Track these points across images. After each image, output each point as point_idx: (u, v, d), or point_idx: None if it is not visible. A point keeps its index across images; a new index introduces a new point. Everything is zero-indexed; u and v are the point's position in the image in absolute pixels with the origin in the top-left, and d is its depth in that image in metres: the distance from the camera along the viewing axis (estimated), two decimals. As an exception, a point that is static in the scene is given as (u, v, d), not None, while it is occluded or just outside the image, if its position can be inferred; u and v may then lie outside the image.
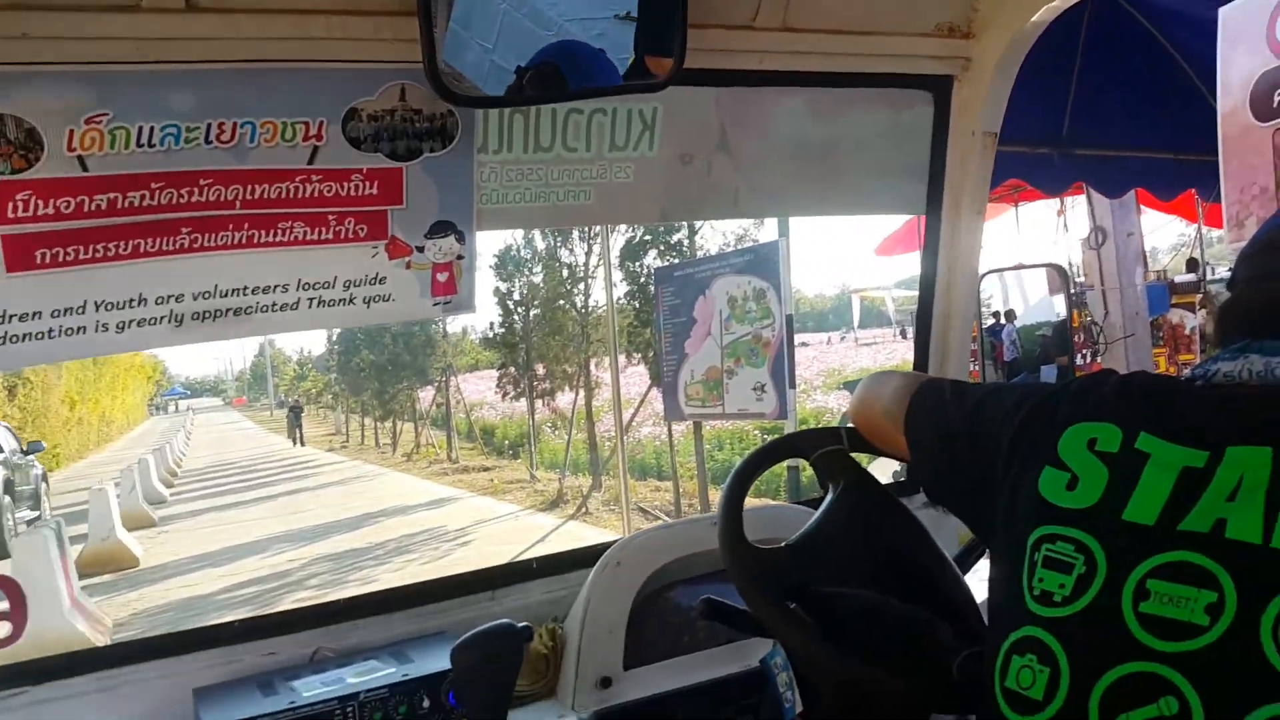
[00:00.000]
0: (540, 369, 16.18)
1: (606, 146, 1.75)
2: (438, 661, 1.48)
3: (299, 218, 1.54)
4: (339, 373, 28.77)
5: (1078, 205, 8.15)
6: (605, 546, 1.67)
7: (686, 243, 12.34)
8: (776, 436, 1.62)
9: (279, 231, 1.54)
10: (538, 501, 14.48)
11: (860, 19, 1.79)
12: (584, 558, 1.70)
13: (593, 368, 15.34)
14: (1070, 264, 8.04)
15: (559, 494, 14.25)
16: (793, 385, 7.81)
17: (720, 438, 15.00)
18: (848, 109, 1.91)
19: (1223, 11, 2.44)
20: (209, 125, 1.43)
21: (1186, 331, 9.28)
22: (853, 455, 1.38)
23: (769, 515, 1.71)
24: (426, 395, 24.04)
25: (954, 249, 2.00)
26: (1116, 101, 4.73)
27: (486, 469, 18.90)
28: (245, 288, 1.56)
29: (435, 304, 1.67)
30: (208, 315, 1.55)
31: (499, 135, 1.65)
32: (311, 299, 1.58)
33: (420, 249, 1.62)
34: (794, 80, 1.81)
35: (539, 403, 17.00)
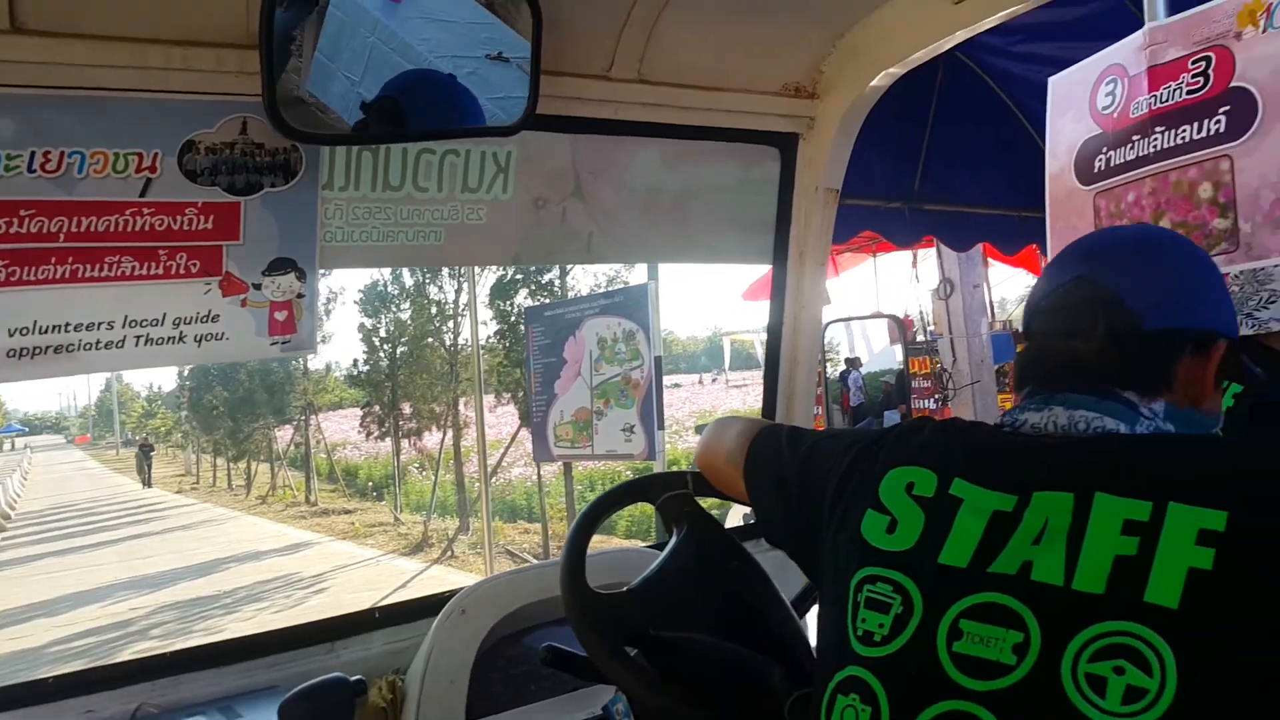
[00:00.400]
0: (407, 408, 15.85)
1: (459, 188, 1.74)
2: (268, 718, 1.41)
3: (128, 252, 1.46)
4: (190, 410, 27.45)
5: (930, 257, 8.56)
6: (451, 594, 1.64)
7: (558, 283, 12.37)
8: (623, 481, 1.62)
9: (106, 266, 1.46)
10: (401, 545, 14.09)
11: (712, 75, 1.85)
12: (428, 606, 1.66)
13: (462, 407, 15.13)
14: (922, 313, 8.41)
15: (424, 537, 13.91)
16: (661, 426, 7.88)
17: (592, 478, 14.98)
18: (699, 160, 1.96)
19: (1051, 81, 2.62)
20: (32, 154, 1.36)
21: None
22: (698, 499, 1.40)
23: (617, 559, 1.71)
24: (285, 434, 23.16)
25: (799, 299, 2.07)
26: (965, 161, 4.99)
27: (348, 512, 18.31)
28: (67, 324, 1.47)
29: (272, 343, 1.61)
30: (25, 352, 1.46)
31: (346, 172, 1.62)
32: (139, 336, 1.51)
33: (257, 286, 1.57)
34: (648, 130, 1.85)
35: (405, 442, 16.62)
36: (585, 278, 12.34)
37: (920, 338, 8.11)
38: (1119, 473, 0.93)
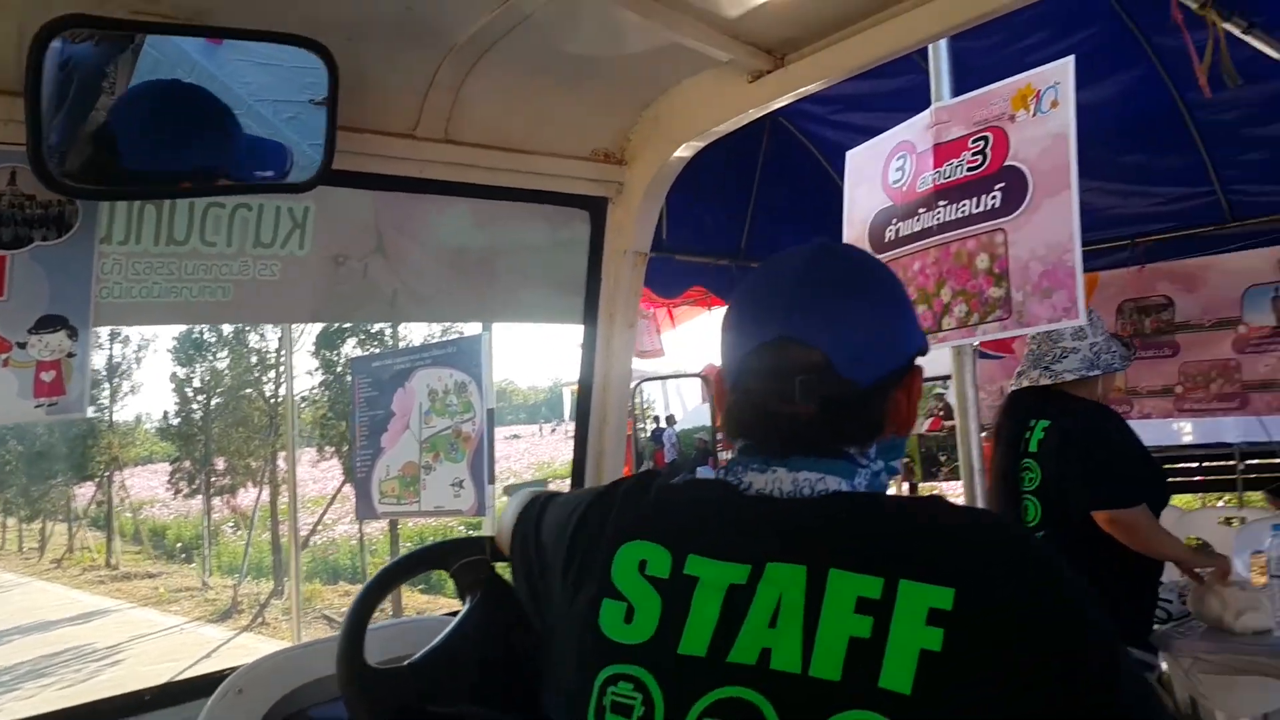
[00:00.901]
0: (220, 463, 15.00)
1: (251, 243, 1.67)
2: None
3: None
4: (-22, 465, 25.07)
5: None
6: (229, 672, 1.54)
7: (389, 332, 12.09)
8: (417, 547, 1.58)
9: None
10: (209, 612, 13.23)
11: (521, 138, 1.87)
12: (203, 686, 1.56)
13: (281, 461, 14.47)
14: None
15: (234, 602, 13.11)
16: (492, 480, 7.75)
17: (424, 535, 14.56)
18: (509, 221, 1.97)
19: (849, 155, 2.79)
20: None
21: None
22: (495, 566, 1.38)
23: (412, 630, 1.66)
24: (85, 492, 21.46)
25: (608, 359, 2.09)
26: (788, 221, 5.22)
27: (152, 575, 17.06)
28: None
29: (37, 406, 1.49)
30: None
31: (127, 225, 1.53)
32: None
33: (22, 345, 1.45)
34: (455, 190, 1.84)
35: (218, 500, 15.71)
36: (418, 328, 12.13)
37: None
38: (851, 544, 0.91)
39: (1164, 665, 2.90)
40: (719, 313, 8.41)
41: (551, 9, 1.51)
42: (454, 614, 1.37)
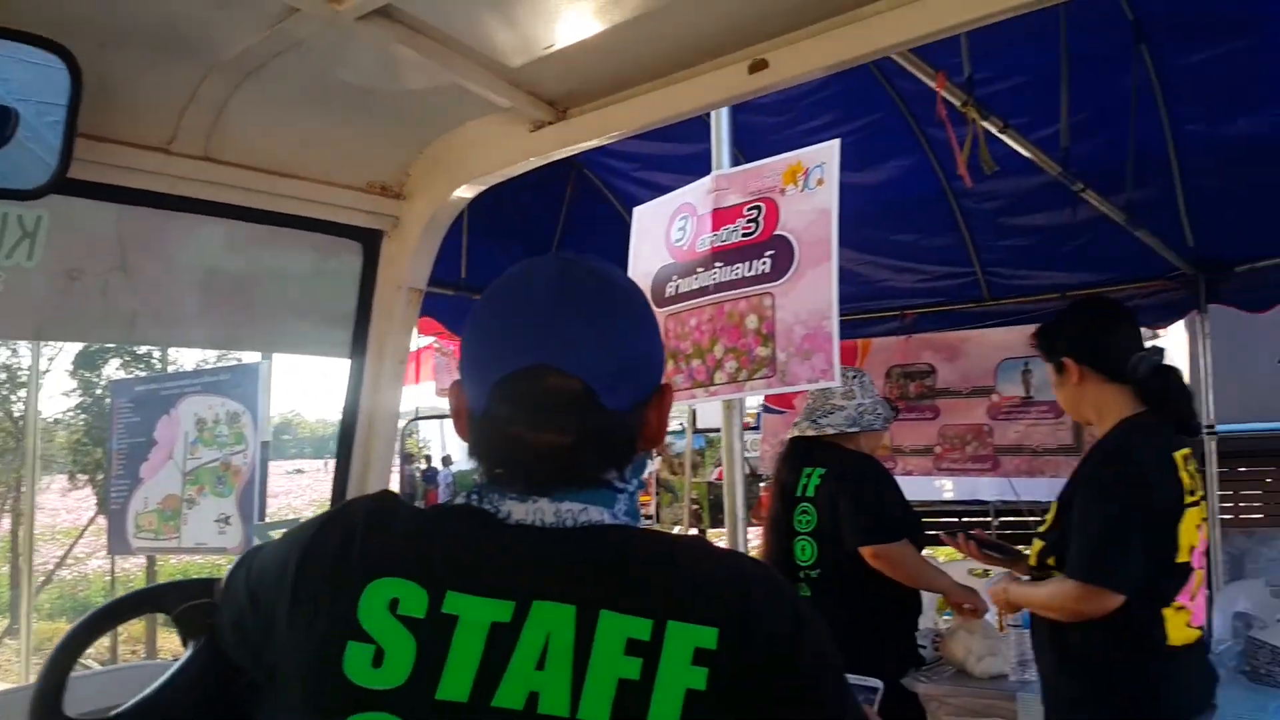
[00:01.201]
0: (-42, 487, 13.50)
1: (-30, 250, 1.52)
2: None
3: None
4: None
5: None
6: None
7: (157, 355, 11.29)
8: (137, 589, 1.46)
9: None
10: (-65, 649, 11.81)
11: (291, 163, 1.80)
12: None
13: (26, 489, 13.17)
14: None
15: (-36, 639, 11.76)
16: (262, 517, 7.36)
17: (189, 572, 13.56)
18: (273, 247, 1.88)
19: (636, 211, 2.87)
20: None
21: (645, 475, 10.44)
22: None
23: (131, 677, 1.53)
24: None
25: (376, 396, 2.03)
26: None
27: None
28: None
29: None
30: None
31: None
32: None
33: None
34: (214, 210, 1.74)
35: (-48, 527, 14.10)
36: (191, 352, 11.39)
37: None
38: (622, 585, 0.91)
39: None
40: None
41: (327, 37, 1.46)
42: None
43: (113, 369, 11.46)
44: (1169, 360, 2.38)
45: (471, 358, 1.02)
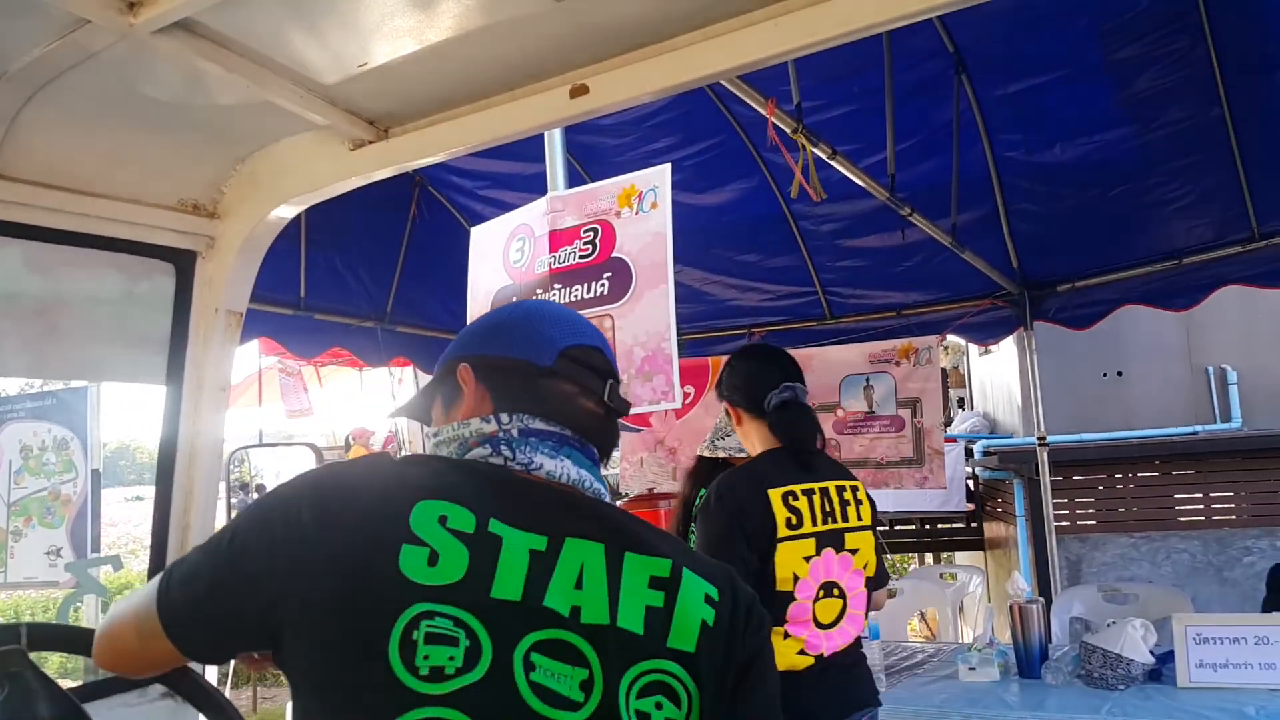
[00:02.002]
0: None
1: None
2: None
3: None
4: None
5: (409, 375, 8.74)
6: None
7: (-24, 379, 10.50)
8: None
9: None
10: None
11: (93, 180, 1.71)
12: None
13: None
14: (396, 429, 8.52)
15: None
16: (96, 549, 6.92)
17: (18, 608, 12.61)
18: (76, 269, 1.78)
19: (474, 232, 2.85)
20: None
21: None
22: (32, 656, 1.21)
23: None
24: None
25: (197, 424, 1.94)
26: (437, 288, 5.22)
27: None
28: None
29: None
30: None
31: None
32: None
33: None
34: (10, 231, 1.64)
35: None
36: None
37: (404, 453, 8.18)
38: (639, 538, 1.07)
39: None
40: (370, 374, 8.15)
41: (121, 50, 1.40)
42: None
43: (-74, 394, 10.61)
44: (802, 398, 2.47)
45: (535, 327, 1.18)
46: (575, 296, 2.49)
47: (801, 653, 2.31)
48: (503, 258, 2.68)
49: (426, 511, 0.97)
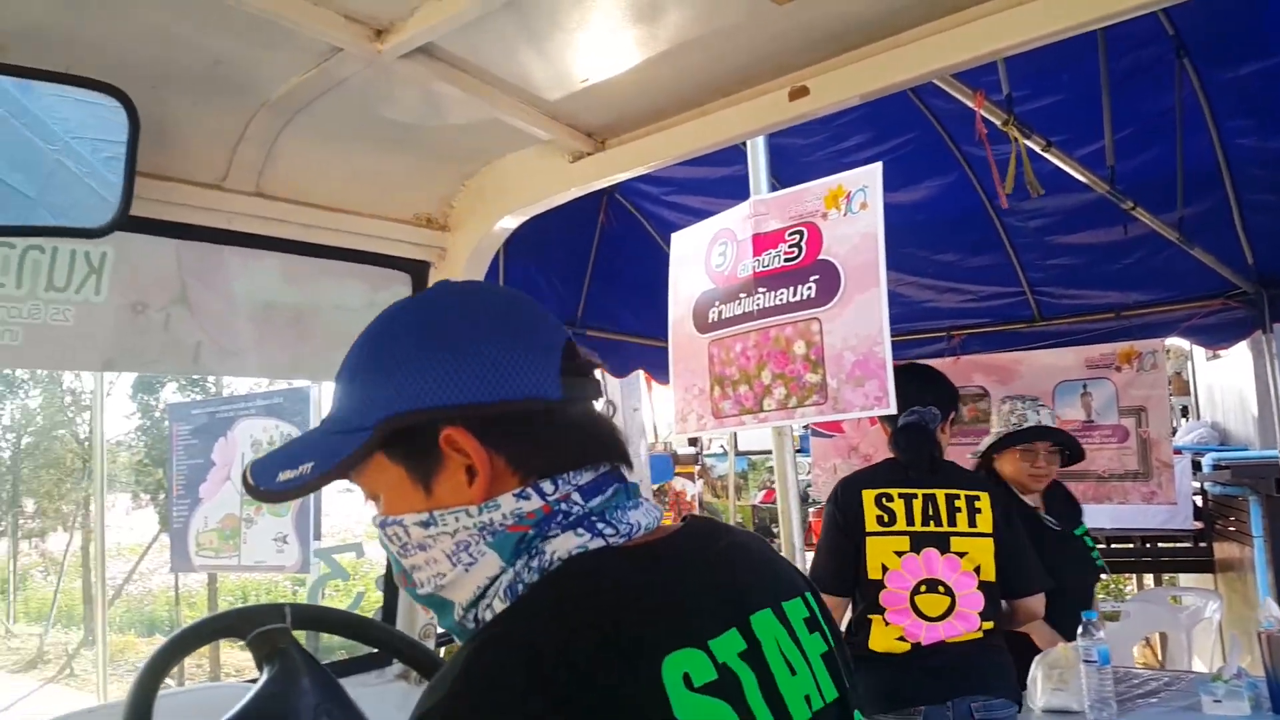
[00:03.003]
0: (30, 504, 13.92)
1: (43, 286, 1.59)
2: None
3: None
4: None
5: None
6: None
7: (212, 379, 11.56)
8: (206, 615, 1.51)
9: None
10: (11, 661, 12.18)
11: (339, 197, 1.85)
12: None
13: (94, 507, 13.53)
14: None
15: (39, 652, 12.11)
16: (317, 537, 7.47)
17: (245, 589, 13.81)
18: (324, 279, 1.94)
19: (674, 237, 2.89)
20: None
21: (688, 498, 10.41)
22: (295, 634, 1.33)
23: (207, 699, 1.57)
24: None
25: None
26: (623, 294, 5.32)
27: (-51, 620, 15.60)
28: None
29: None
30: None
31: (-105, 260, 1.44)
32: None
33: None
34: (267, 245, 1.80)
35: (27, 544, 14.54)
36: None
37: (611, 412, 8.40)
38: (764, 575, 0.91)
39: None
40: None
41: (368, 75, 1.51)
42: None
43: (170, 393, 11.78)
44: (927, 421, 2.85)
45: (515, 337, 0.87)
46: (780, 300, 2.48)
47: (900, 639, 2.68)
48: (705, 262, 2.71)
49: (673, 676, 0.74)
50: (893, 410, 2.41)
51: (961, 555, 2.72)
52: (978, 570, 2.71)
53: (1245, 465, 6.46)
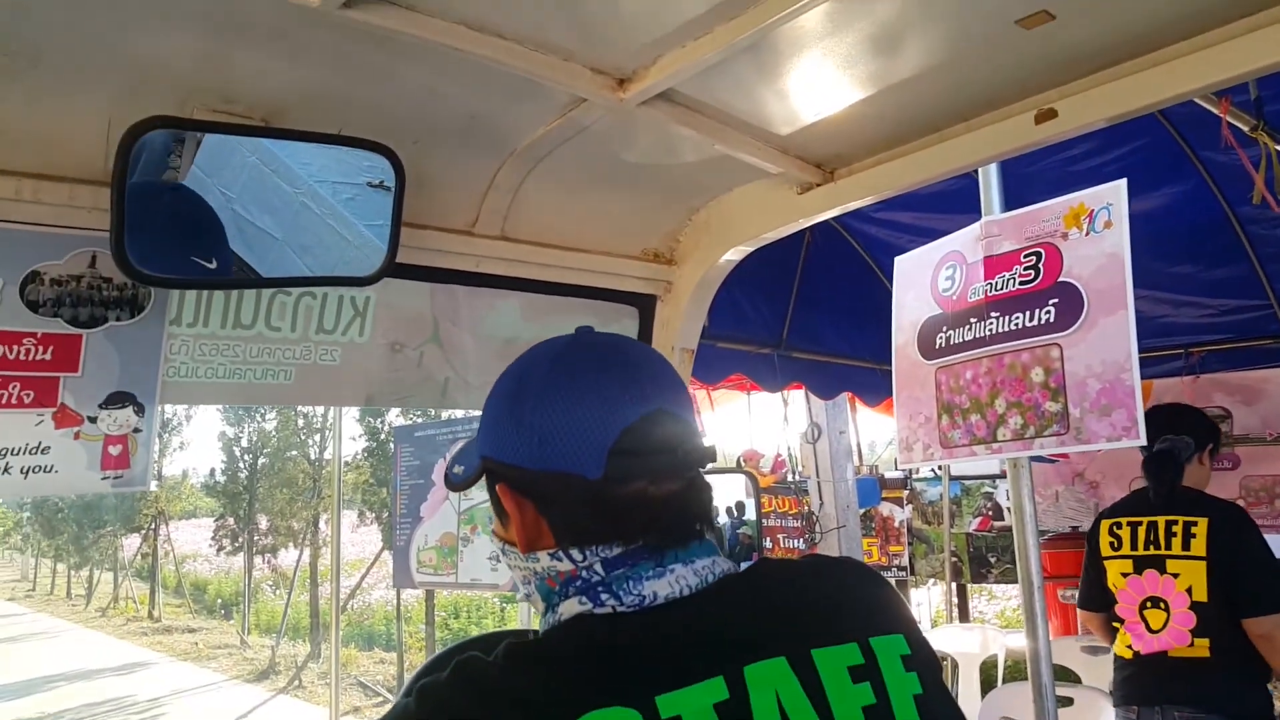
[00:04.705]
0: (263, 521, 15.13)
1: (314, 329, 1.74)
2: None
3: (-45, 378, 1.41)
4: (33, 511, 25.62)
5: (798, 399, 8.85)
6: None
7: (433, 404, 12.20)
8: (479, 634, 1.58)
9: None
10: (246, 671, 13.24)
11: (574, 237, 1.93)
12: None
13: (322, 524, 14.55)
14: (790, 453, 8.64)
15: (271, 663, 13.11)
16: (528, 557, 7.73)
17: (457, 605, 14.49)
18: (559, 314, 2.01)
19: (898, 261, 2.82)
20: None
21: (896, 524, 10.09)
22: None
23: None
24: (132, 543, 21.75)
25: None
26: (830, 314, 5.24)
27: (192, 630, 17.15)
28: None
29: (104, 478, 1.55)
30: None
31: (195, 309, 1.60)
32: (-43, 465, 1.44)
33: (93, 419, 1.52)
34: (509, 284, 1.90)
35: (259, 559, 15.81)
36: (463, 400, 12.23)
37: (791, 478, 8.30)
38: (806, 620, 0.91)
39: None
40: (759, 396, 8.38)
41: (609, 121, 1.57)
42: None
43: (393, 415, 12.57)
44: (1177, 450, 3.21)
45: (566, 409, 0.94)
46: (1016, 324, 2.38)
47: (1128, 646, 3.17)
48: (931, 286, 2.63)
49: None
50: (1142, 441, 2.26)
51: (1175, 576, 3.06)
52: (1189, 591, 3.01)
53: None
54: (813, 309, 5.27)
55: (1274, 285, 4.58)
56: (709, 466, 1.00)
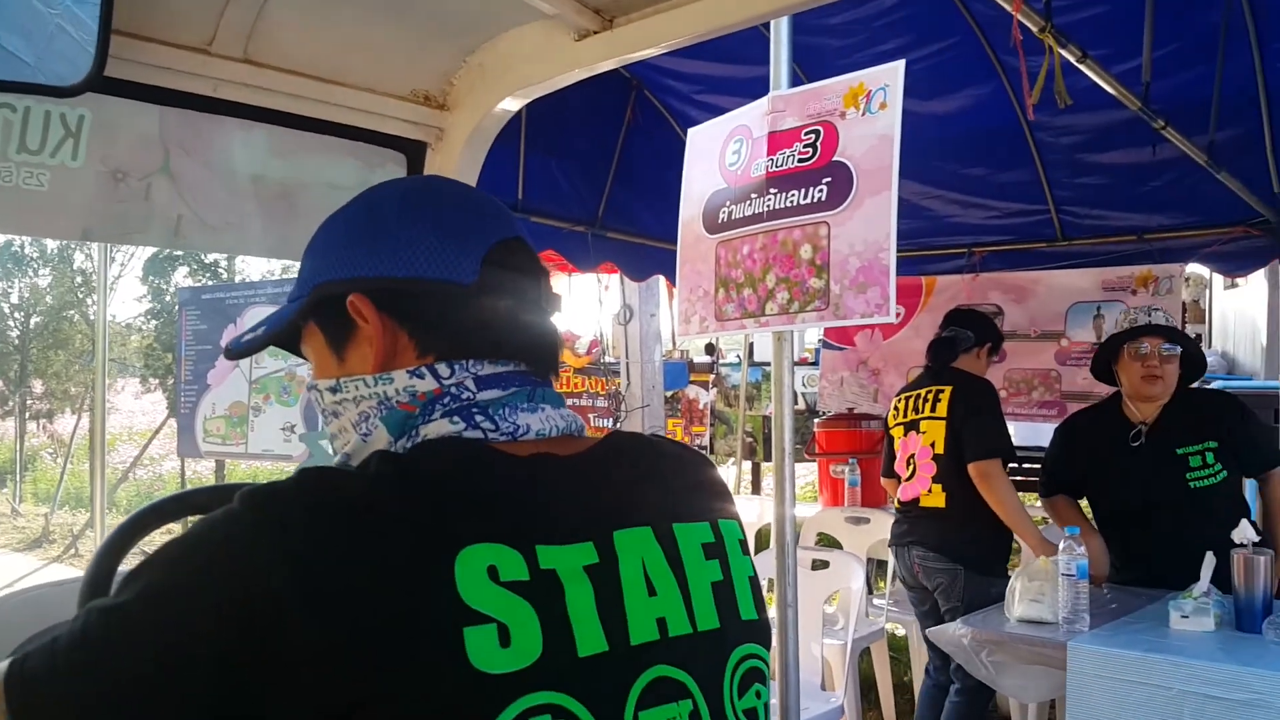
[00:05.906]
0: (38, 386, 14.05)
1: (14, 148, 1.53)
2: None
3: None
4: None
5: (616, 282, 8.88)
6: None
7: (224, 264, 11.52)
8: (186, 489, 1.48)
9: None
10: (17, 540, 12.44)
11: (333, 68, 1.76)
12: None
13: (107, 391, 13.64)
14: (601, 334, 8.72)
15: (45, 532, 12.37)
16: (319, 426, 7.52)
17: (258, 477, 14.00)
18: (315, 154, 1.86)
19: (690, 133, 2.78)
20: None
21: (700, 406, 10.44)
22: None
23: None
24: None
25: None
26: (647, 195, 5.20)
27: (-45, 498, 15.92)
28: None
29: None
30: None
31: None
32: None
33: None
34: (254, 114, 1.72)
35: (34, 424, 14.73)
36: (258, 262, 11.61)
37: (604, 359, 8.40)
38: (670, 495, 0.91)
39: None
40: (576, 279, 8.36)
41: (363, -66, 1.42)
42: None
43: (181, 276, 11.77)
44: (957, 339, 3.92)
45: (437, 224, 0.91)
46: (791, 202, 2.39)
47: (896, 496, 3.95)
48: (719, 160, 2.61)
49: (471, 566, 0.74)
50: (892, 318, 2.43)
51: (923, 434, 3.74)
52: (932, 445, 3.70)
53: (1247, 395, 6.41)
54: (630, 189, 5.21)
55: (1053, 191, 4.87)
56: None
